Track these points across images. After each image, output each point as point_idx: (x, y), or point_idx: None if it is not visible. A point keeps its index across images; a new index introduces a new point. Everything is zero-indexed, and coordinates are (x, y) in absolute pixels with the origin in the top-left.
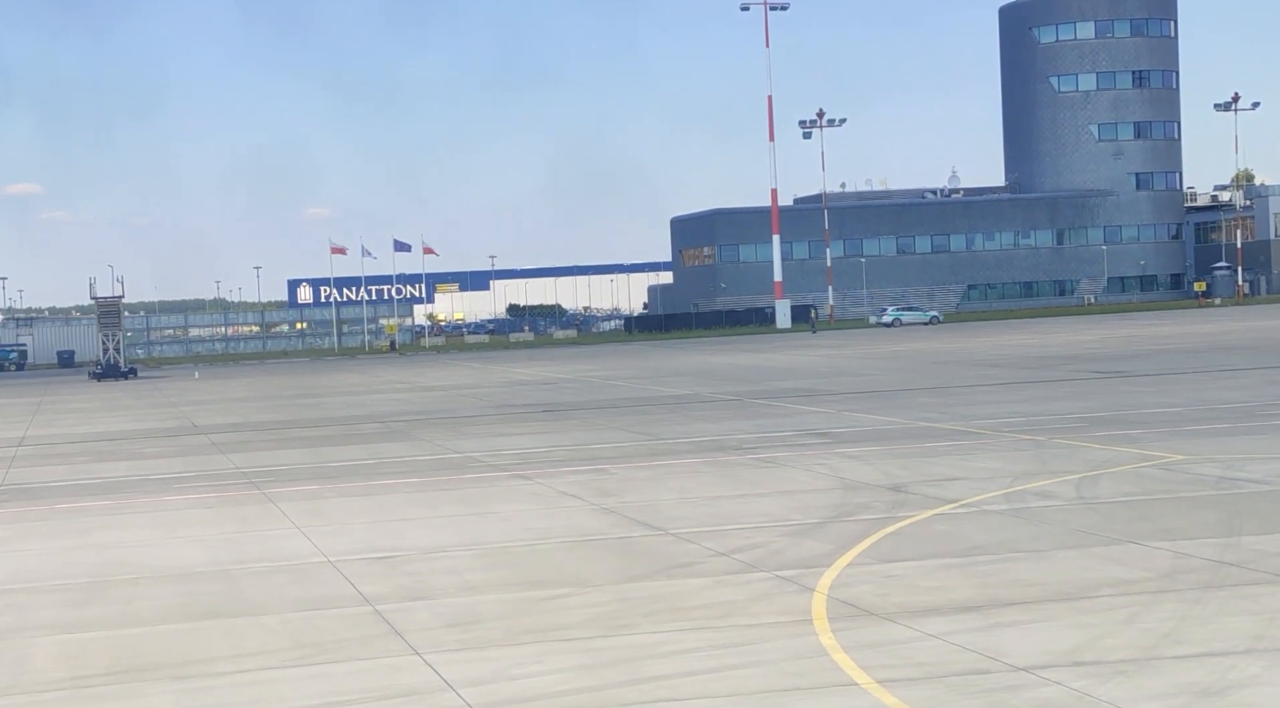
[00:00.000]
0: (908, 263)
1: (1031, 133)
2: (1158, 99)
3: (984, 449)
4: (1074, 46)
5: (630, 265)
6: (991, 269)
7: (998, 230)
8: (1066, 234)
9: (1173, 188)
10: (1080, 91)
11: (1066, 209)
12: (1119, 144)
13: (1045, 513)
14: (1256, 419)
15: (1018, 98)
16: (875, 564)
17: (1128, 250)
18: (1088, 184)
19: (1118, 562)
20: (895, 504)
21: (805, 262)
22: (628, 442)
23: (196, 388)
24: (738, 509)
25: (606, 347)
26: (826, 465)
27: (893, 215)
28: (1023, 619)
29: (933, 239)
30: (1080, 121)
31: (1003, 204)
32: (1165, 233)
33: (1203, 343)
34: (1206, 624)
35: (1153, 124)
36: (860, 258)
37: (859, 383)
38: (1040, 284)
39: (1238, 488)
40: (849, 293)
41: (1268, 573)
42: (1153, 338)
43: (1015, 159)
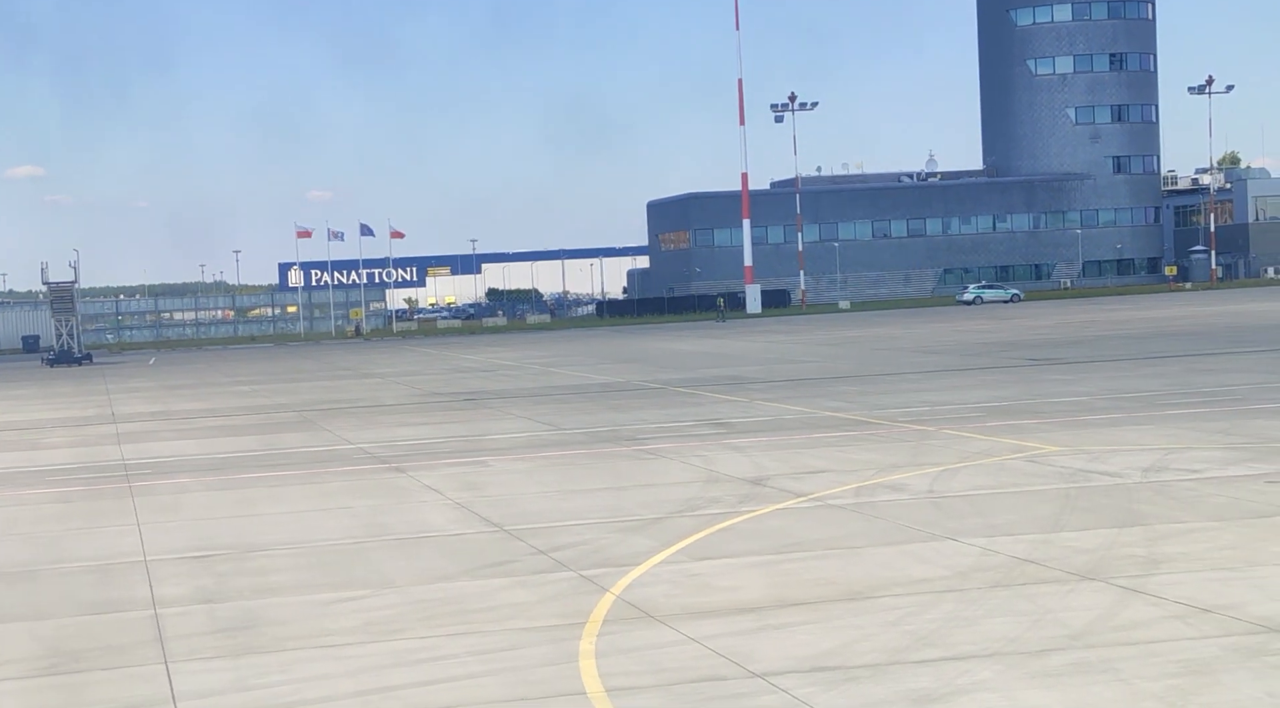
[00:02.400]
0: (883, 247)
1: (1009, 116)
2: (1135, 82)
3: (868, 440)
4: (1051, 29)
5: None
6: (968, 253)
7: (974, 214)
8: (1043, 218)
9: (1150, 171)
10: (1057, 74)
11: (1043, 192)
12: (1096, 127)
13: (886, 508)
14: (1154, 409)
15: (995, 81)
16: (686, 562)
17: (1104, 234)
18: (1065, 167)
19: (923, 560)
20: (746, 498)
21: (780, 246)
22: (527, 432)
23: (142, 375)
24: (589, 504)
25: (572, 332)
26: (704, 457)
27: (869, 199)
28: (794, 622)
29: (909, 223)
30: (1057, 104)
31: (979, 188)
32: (1143, 216)
33: (1153, 328)
34: (968, 627)
35: (1130, 107)
36: (835, 242)
37: (793, 370)
38: (1017, 268)
39: (1089, 481)
40: (824, 277)
41: (1062, 571)
42: (1107, 323)
43: (993, 142)
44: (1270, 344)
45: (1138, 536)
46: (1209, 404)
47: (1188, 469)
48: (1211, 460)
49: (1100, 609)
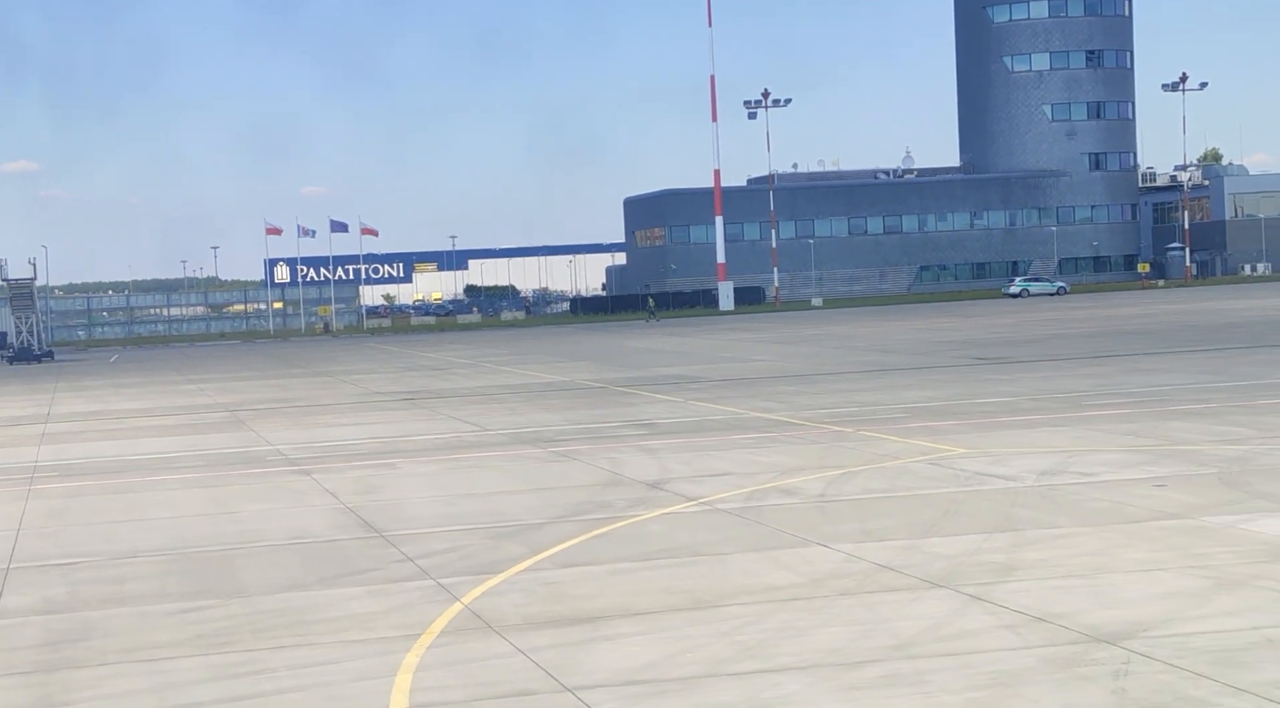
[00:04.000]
0: (859, 244)
1: (985, 113)
2: (1111, 79)
3: (783, 442)
4: (1027, 26)
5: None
6: (944, 250)
7: (950, 211)
8: (1019, 215)
9: (1127, 168)
10: (1034, 71)
11: (1019, 190)
12: (1072, 124)
13: (771, 513)
14: (1077, 410)
15: (972, 78)
16: (549, 570)
17: (1081, 231)
18: (1041, 164)
19: (785, 566)
20: (637, 503)
21: (756, 243)
22: (452, 433)
23: (97, 373)
24: (478, 508)
25: (542, 329)
26: (613, 460)
27: (844, 196)
28: (630, 632)
29: (885, 220)
30: (1034, 101)
31: (955, 185)
32: (1119, 213)
33: (1111, 327)
34: (799, 637)
35: (1106, 104)
36: (810, 239)
37: (740, 370)
38: (993, 265)
39: (981, 485)
40: (800, 274)
41: (916, 579)
42: (1068, 321)
43: (969, 139)
44: (1218, 343)
45: (1005, 541)
46: (1133, 405)
47: (1083, 472)
48: (1110, 463)
49: (936, 618)
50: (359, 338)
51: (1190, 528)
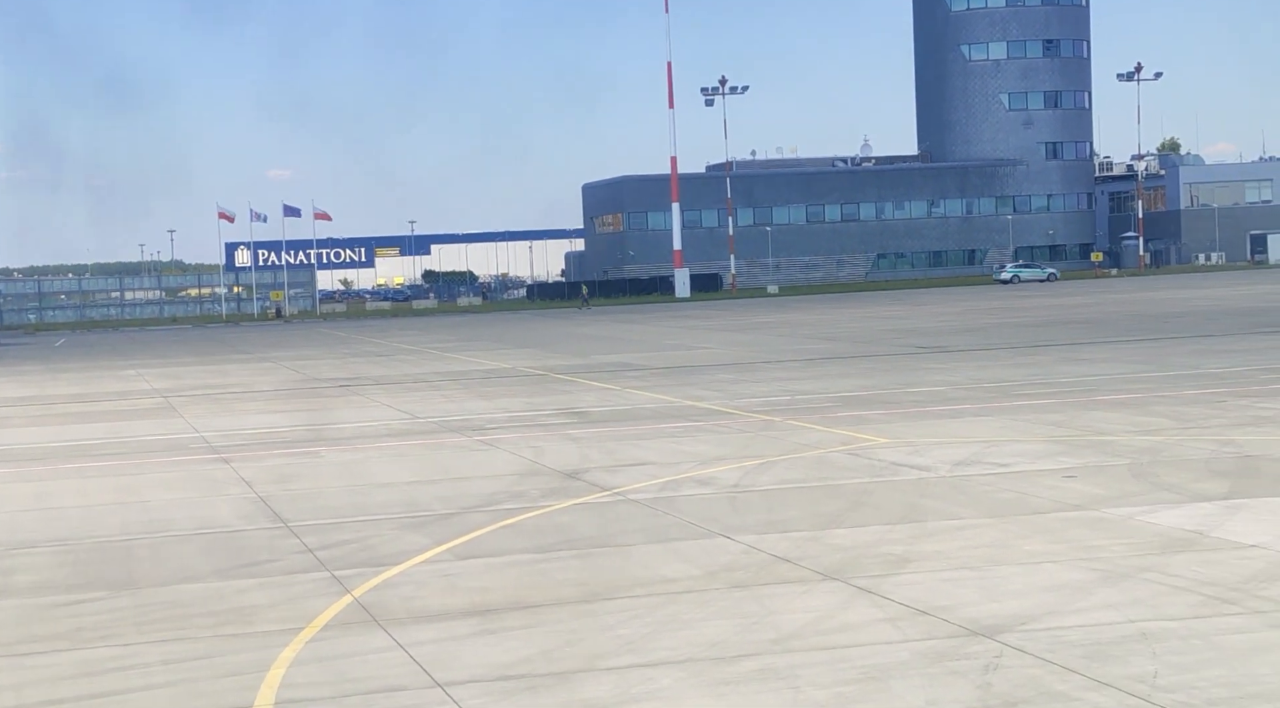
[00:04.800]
0: (817, 231)
1: (943, 101)
2: (1068, 68)
3: (709, 431)
4: (985, 15)
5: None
6: (901, 238)
7: (908, 199)
8: (976, 203)
9: (1083, 157)
10: (991, 60)
11: (976, 178)
12: (1029, 113)
13: (682, 503)
14: (1005, 400)
15: (929, 66)
16: (449, 562)
17: (1037, 220)
18: (998, 153)
19: (684, 558)
20: (551, 493)
21: (714, 230)
22: (381, 420)
23: (39, 358)
24: (391, 498)
25: (497, 315)
26: (537, 448)
27: (802, 183)
28: (515, 626)
29: (842, 208)
30: (991, 90)
31: (913, 173)
32: (1075, 202)
33: (1056, 316)
34: (682, 631)
35: (1063, 93)
36: (768, 226)
37: (682, 358)
38: (950, 253)
39: (895, 476)
40: (757, 261)
41: (810, 570)
42: (1016, 309)
43: (927, 128)
44: (1158, 333)
45: (905, 533)
46: (1060, 395)
47: (997, 463)
48: (1026, 453)
49: (821, 612)
50: (311, 323)
51: (1090, 520)
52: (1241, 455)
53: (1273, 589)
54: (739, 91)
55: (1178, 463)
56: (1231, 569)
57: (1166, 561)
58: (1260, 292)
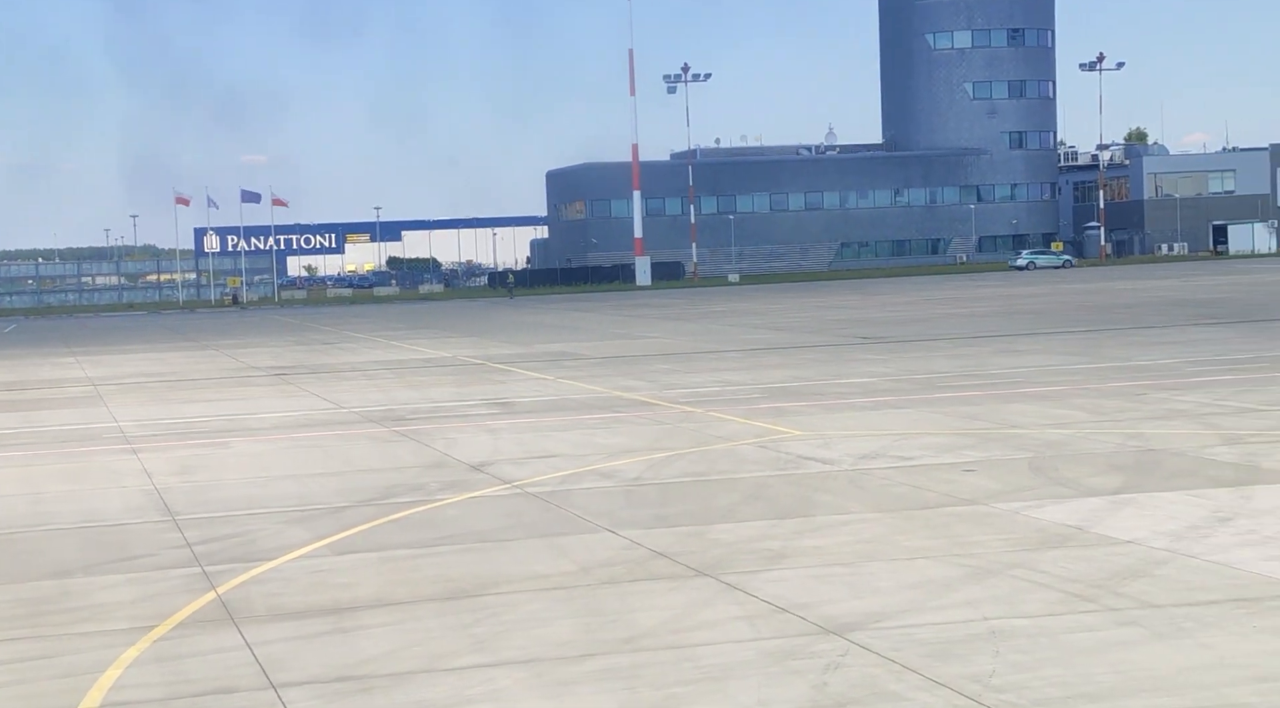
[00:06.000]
0: (781, 220)
1: (908, 90)
2: (1033, 58)
3: (629, 422)
4: (950, 4)
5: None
6: (865, 227)
7: (872, 188)
8: (940, 192)
9: (1047, 147)
10: (956, 49)
11: (940, 167)
12: (994, 103)
13: (578, 497)
14: (930, 392)
15: (894, 55)
16: (325, 557)
17: (1000, 209)
18: (962, 142)
19: (563, 554)
20: (450, 486)
21: (677, 218)
22: (305, 410)
23: None
24: (289, 491)
25: (454, 303)
26: (450, 440)
27: (766, 172)
28: (372, 624)
29: (806, 196)
30: (955, 79)
31: (876, 162)
32: (1039, 192)
33: (1006, 307)
34: (536, 629)
35: (1027, 83)
36: (731, 215)
37: (625, 347)
38: (913, 242)
39: (798, 469)
40: (720, 249)
41: (685, 566)
42: (968, 300)
43: (892, 117)
44: (1101, 325)
45: (790, 528)
46: (986, 388)
47: (901, 456)
48: (933, 447)
49: (681, 609)
50: (268, 310)
51: (976, 515)
52: (1144, 449)
53: (1133, 586)
54: (701, 79)
55: (1080, 457)
56: (1099, 566)
57: (1038, 557)
58: (1213, 283)
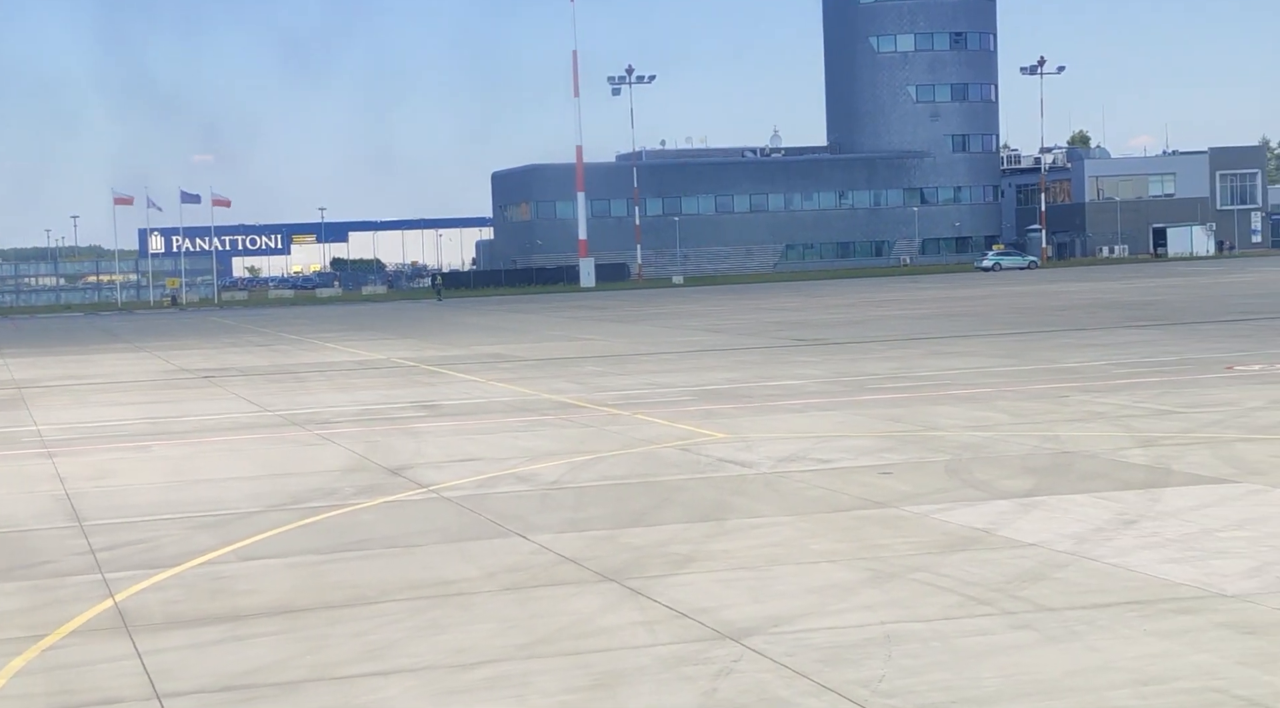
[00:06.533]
0: (726, 221)
1: (852, 93)
2: (975, 61)
3: (553, 425)
4: (893, 7)
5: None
6: (810, 229)
7: (817, 190)
8: (884, 195)
9: (989, 150)
10: (899, 52)
11: (884, 170)
12: (936, 105)
13: (494, 501)
14: (858, 394)
15: (838, 58)
16: (231, 563)
17: (944, 212)
18: (906, 145)
19: (470, 559)
20: (368, 490)
21: (623, 219)
22: (230, 413)
23: None
24: (201, 495)
25: (397, 304)
26: (373, 443)
27: (711, 174)
28: (268, 632)
29: (751, 198)
30: (899, 82)
31: (821, 164)
32: (981, 195)
33: (944, 310)
34: (434, 636)
35: (970, 86)
36: (677, 216)
37: (562, 349)
38: (857, 244)
39: (717, 472)
40: (665, 251)
41: (592, 571)
42: (909, 302)
43: (837, 119)
44: (1033, 327)
45: (701, 531)
46: (913, 389)
47: (821, 459)
48: (853, 449)
49: (582, 614)
50: (207, 311)
51: (886, 518)
52: (1059, 452)
53: (1031, 590)
54: (646, 81)
55: (995, 460)
56: (1000, 569)
57: (942, 560)
58: (1149, 286)
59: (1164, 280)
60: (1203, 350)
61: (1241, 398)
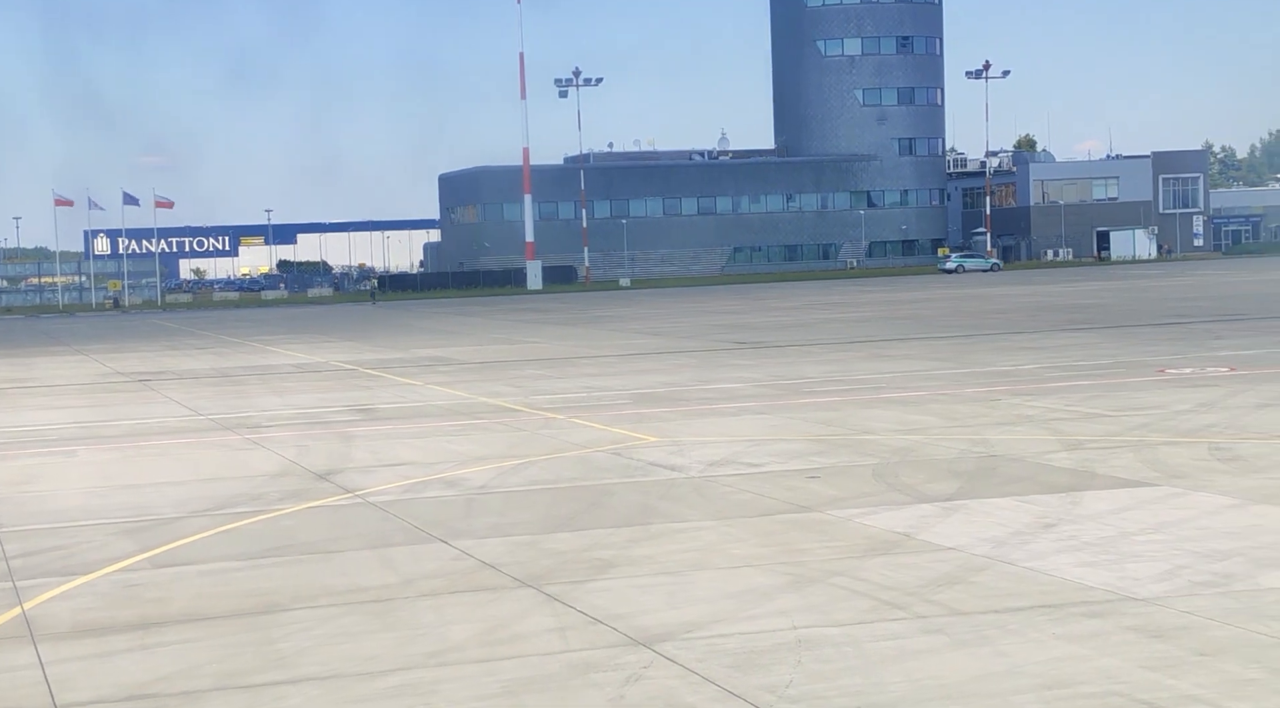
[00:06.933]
0: (674, 224)
1: (799, 97)
2: (921, 65)
3: (486, 429)
4: (840, 11)
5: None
6: (757, 232)
7: (764, 193)
8: (831, 198)
9: (935, 153)
10: (846, 56)
11: (831, 173)
12: (883, 109)
13: (419, 506)
14: (793, 397)
15: (786, 61)
16: (145, 570)
17: (890, 215)
18: (853, 149)
19: (389, 565)
20: (293, 495)
21: (570, 222)
22: (161, 417)
23: None
24: (128, 500)
25: (342, 307)
26: (303, 447)
27: (659, 176)
28: (177, 640)
29: (699, 201)
30: (846, 86)
31: (769, 167)
32: (927, 198)
33: (885, 313)
34: (344, 644)
35: (916, 90)
36: (624, 219)
37: (503, 352)
38: (805, 247)
39: (647, 476)
40: (613, 254)
41: (510, 578)
42: (852, 305)
43: (784, 122)
44: (972, 330)
45: (625, 536)
46: (849, 393)
47: (751, 463)
48: (782, 453)
49: (497, 621)
50: (149, 314)
51: (811, 522)
52: (986, 455)
53: (946, 594)
54: (593, 83)
55: (923, 463)
56: (918, 573)
57: (861, 564)
58: (1091, 289)
59: (1105, 284)
60: (1137, 354)
61: (1170, 401)
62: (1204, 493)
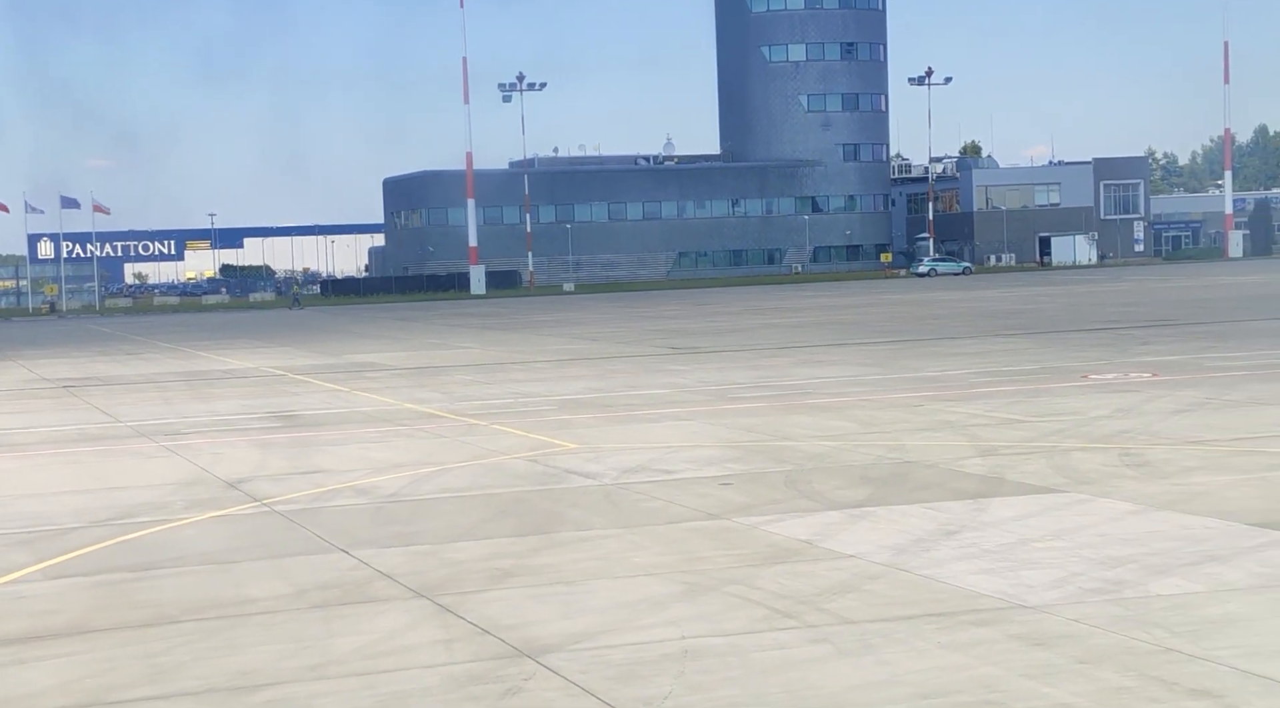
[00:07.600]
0: (619, 229)
1: (745, 102)
2: (865, 71)
3: (407, 436)
4: (785, 17)
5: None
6: (703, 237)
7: (709, 198)
8: (776, 203)
9: (879, 159)
10: (790, 62)
11: (776, 178)
12: (827, 115)
13: (325, 515)
14: (719, 403)
15: (731, 67)
16: (35, 582)
17: (835, 220)
18: (797, 154)
19: (284, 576)
20: (199, 504)
21: (515, 226)
22: (75, 424)
23: None
24: (27, 509)
25: (279, 312)
26: (219, 455)
27: (604, 181)
28: (56, 654)
29: (644, 206)
30: (790, 92)
31: (714, 172)
32: (872, 203)
33: (824, 318)
34: (228, 657)
35: (861, 96)
36: (569, 224)
37: (436, 358)
38: (750, 252)
39: (560, 483)
40: (557, 258)
41: (404, 587)
42: (789, 310)
43: (729, 128)
44: (906, 335)
45: (528, 545)
46: (775, 399)
47: (665, 470)
48: (699, 460)
49: (384, 633)
50: (87, 319)
51: (715, 530)
52: (901, 461)
53: (839, 602)
54: (537, 88)
55: (836, 470)
56: (814, 581)
57: (759, 573)
58: (1029, 294)
59: (1043, 289)
60: (1064, 359)
61: (1089, 407)
62: (1108, 500)
